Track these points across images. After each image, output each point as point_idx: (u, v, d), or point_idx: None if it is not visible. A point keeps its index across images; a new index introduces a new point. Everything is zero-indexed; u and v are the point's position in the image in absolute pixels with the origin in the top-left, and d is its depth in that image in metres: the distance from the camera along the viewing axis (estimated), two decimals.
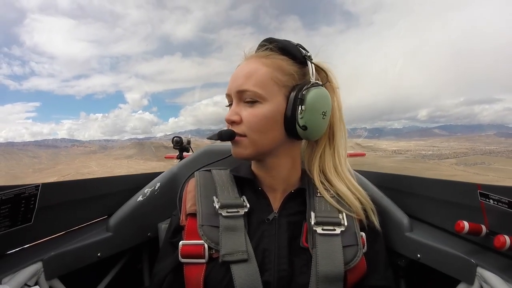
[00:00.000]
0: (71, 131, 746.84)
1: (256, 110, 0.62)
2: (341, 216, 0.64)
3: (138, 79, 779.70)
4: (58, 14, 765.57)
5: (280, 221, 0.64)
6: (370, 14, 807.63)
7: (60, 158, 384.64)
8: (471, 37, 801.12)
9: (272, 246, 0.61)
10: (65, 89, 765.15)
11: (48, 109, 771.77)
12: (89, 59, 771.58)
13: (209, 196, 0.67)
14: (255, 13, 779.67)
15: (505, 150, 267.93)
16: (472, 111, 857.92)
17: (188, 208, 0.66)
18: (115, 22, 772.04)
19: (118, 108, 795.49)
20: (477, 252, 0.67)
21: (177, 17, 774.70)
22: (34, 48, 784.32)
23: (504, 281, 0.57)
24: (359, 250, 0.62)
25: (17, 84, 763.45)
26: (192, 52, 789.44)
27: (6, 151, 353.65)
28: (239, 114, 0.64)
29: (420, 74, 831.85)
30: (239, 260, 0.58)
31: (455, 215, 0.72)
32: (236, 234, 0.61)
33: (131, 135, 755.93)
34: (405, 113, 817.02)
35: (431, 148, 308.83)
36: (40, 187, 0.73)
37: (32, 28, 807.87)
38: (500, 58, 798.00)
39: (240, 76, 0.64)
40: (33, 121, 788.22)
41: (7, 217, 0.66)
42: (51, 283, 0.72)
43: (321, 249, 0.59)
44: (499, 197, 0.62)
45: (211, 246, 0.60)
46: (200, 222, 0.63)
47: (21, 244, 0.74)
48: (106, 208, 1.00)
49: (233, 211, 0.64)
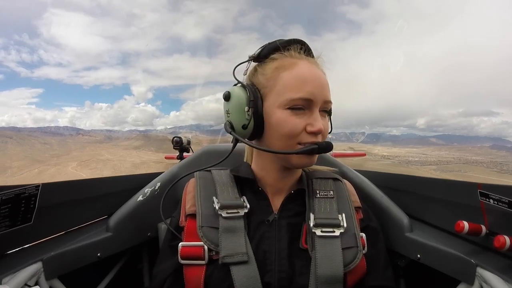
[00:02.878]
0: (73, 120, 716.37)
1: (328, 122, 0.66)
2: (340, 218, 0.64)
3: (146, 74, 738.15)
4: (77, 10, 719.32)
5: (280, 222, 0.64)
6: (372, 24, 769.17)
7: (69, 145, 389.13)
8: (470, 50, 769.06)
9: (273, 248, 0.61)
10: (74, 79, 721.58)
11: (52, 96, 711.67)
12: (102, 53, 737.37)
13: (209, 197, 0.66)
14: (262, 21, 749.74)
15: (489, 161, 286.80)
16: (470, 123, 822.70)
17: (187, 209, 0.66)
18: (131, 21, 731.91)
19: (123, 99, 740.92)
20: (477, 252, 0.67)
21: (189, 20, 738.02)
22: (50, 40, 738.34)
23: (504, 281, 0.57)
24: (359, 251, 0.61)
25: (29, 71, 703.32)
26: (200, 52, 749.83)
27: (19, 136, 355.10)
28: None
29: (419, 83, 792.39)
30: (239, 261, 0.57)
31: (455, 215, 0.72)
32: (235, 236, 0.60)
33: (132, 126, 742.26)
34: (403, 120, 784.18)
35: (419, 156, 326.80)
36: (40, 187, 0.73)
37: (50, 21, 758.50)
38: (496, 72, 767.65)
39: (325, 85, 0.64)
40: (36, 107, 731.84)
41: (7, 217, 0.66)
42: (51, 283, 0.72)
43: (320, 252, 0.59)
44: (499, 196, 0.62)
45: (210, 248, 0.59)
46: (200, 223, 0.62)
47: (21, 244, 0.74)
48: (106, 208, 1.00)
49: (233, 211, 0.63)
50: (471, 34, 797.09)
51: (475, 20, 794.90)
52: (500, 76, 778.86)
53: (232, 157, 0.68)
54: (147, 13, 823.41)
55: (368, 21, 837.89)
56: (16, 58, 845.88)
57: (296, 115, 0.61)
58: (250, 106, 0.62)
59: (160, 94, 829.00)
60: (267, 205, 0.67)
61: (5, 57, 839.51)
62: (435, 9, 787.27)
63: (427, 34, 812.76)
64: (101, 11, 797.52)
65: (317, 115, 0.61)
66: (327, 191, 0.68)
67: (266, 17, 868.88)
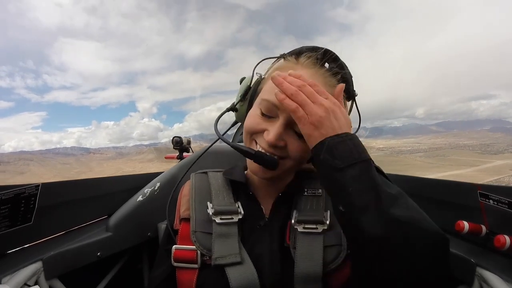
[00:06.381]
0: (80, 139, 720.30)
1: (305, 144, 0.53)
2: (325, 214, 0.61)
3: (150, 90, 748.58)
4: (87, 38, 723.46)
5: (272, 226, 0.63)
6: (361, 24, 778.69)
7: (87, 163, 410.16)
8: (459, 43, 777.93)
9: (265, 251, 0.60)
10: (82, 101, 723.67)
11: (55, 119, 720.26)
12: (110, 75, 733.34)
13: (203, 201, 0.66)
14: (257, 35, 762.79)
15: (478, 144, 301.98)
16: (469, 107, 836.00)
17: (182, 212, 0.66)
18: (138, 44, 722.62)
19: (129, 116, 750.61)
20: (476, 252, 0.67)
21: (191, 38, 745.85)
22: (60, 66, 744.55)
23: (504, 281, 0.57)
24: (343, 250, 0.57)
25: (39, 97, 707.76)
26: (201, 67, 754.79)
27: (40, 159, 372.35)
28: (285, 140, 0.57)
29: (413, 75, 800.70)
30: (232, 263, 0.57)
31: (455, 215, 0.72)
32: (228, 240, 0.60)
33: (137, 141, 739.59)
34: (403, 111, 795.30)
35: (413, 145, 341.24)
36: (40, 187, 0.73)
37: (60, 49, 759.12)
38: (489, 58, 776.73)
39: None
40: (42, 131, 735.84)
41: (7, 217, 0.67)
42: (51, 282, 0.72)
43: (300, 248, 0.57)
44: (499, 197, 0.62)
45: (203, 253, 0.59)
46: (193, 228, 0.62)
47: (21, 244, 0.74)
48: (106, 208, 1.00)
49: (227, 217, 0.62)
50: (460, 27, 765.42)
51: (465, 15, 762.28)
52: (492, 60, 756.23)
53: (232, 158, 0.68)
54: (153, 37, 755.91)
55: (357, 22, 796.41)
56: (24, 84, 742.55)
57: (262, 117, 0.60)
58: (244, 92, 0.67)
59: (164, 108, 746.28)
60: (259, 210, 0.66)
61: (17, 85, 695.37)
62: (423, 6, 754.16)
63: (418, 29, 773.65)
64: (110, 36, 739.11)
65: (278, 126, 0.56)
66: (315, 189, 0.65)
67: (261, 32, 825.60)
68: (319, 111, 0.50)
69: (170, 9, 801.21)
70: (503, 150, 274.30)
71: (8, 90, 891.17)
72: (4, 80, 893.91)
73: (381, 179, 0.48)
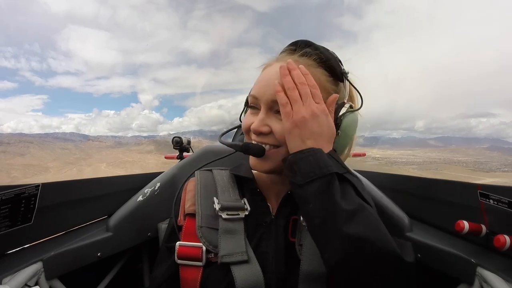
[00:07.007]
0: (79, 126, 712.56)
1: (278, 123, 0.58)
2: None
3: (154, 83, 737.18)
4: (95, 27, 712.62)
5: (278, 223, 0.63)
6: (367, 33, 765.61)
7: (86, 150, 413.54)
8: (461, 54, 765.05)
9: (271, 249, 0.60)
10: (86, 88, 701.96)
11: (57, 103, 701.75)
12: (115, 65, 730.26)
13: (209, 197, 0.65)
14: (264, 37, 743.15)
15: (473, 161, 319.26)
16: (468, 124, 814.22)
17: (187, 208, 0.65)
18: (145, 36, 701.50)
19: (130, 107, 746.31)
20: (477, 252, 0.67)
21: (198, 35, 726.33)
22: (66, 52, 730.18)
23: (504, 281, 0.57)
24: None
25: (43, 80, 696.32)
26: (206, 64, 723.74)
27: (40, 142, 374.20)
28: (269, 125, 0.59)
29: (414, 87, 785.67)
30: (239, 261, 0.56)
31: (455, 215, 0.72)
32: (235, 237, 0.59)
33: (136, 132, 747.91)
34: (402, 123, 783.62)
35: (408, 157, 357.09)
36: (40, 187, 0.73)
37: (68, 35, 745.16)
38: (492, 71, 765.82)
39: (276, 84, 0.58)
40: (43, 114, 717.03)
41: (7, 217, 0.66)
42: (51, 283, 0.72)
43: (307, 245, 0.57)
44: (499, 197, 0.62)
45: (209, 249, 0.58)
46: (199, 223, 0.61)
47: (21, 244, 0.74)
48: (106, 208, 1.00)
49: (234, 213, 0.62)
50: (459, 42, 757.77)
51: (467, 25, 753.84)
52: (493, 77, 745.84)
53: (233, 158, 0.68)
54: (161, 30, 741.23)
55: (363, 31, 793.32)
56: (29, 67, 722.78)
57: (251, 113, 0.63)
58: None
59: (165, 101, 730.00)
60: (265, 206, 0.66)
61: (22, 66, 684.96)
62: (427, 16, 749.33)
63: (421, 40, 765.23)
64: (118, 27, 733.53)
65: (260, 114, 0.60)
66: None
67: (268, 34, 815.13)
68: (305, 112, 0.53)
69: (180, 5, 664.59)
70: (496, 168, 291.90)
71: (12, 71, 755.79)
72: (9, 61, 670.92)
73: (344, 193, 0.49)
